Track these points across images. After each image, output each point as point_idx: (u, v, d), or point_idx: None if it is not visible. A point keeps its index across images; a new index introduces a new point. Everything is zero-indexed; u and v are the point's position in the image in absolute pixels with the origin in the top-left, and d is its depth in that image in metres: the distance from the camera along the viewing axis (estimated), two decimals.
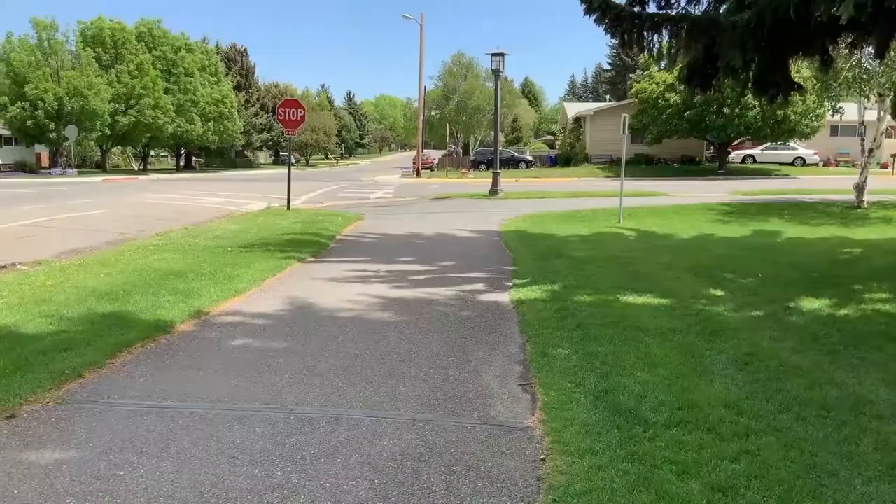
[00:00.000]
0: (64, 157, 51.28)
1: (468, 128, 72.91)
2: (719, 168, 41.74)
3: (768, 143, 45.05)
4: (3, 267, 10.07)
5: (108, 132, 51.76)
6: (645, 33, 10.45)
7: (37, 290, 8.16)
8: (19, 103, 46.56)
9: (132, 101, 51.82)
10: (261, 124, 74.79)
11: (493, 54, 26.30)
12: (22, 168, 53.31)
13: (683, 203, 21.36)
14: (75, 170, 48.72)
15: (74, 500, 3.45)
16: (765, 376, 5.12)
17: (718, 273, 9.44)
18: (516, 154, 55.34)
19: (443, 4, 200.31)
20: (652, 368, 5.28)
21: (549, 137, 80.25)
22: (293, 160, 36.83)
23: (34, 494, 3.50)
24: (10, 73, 47.86)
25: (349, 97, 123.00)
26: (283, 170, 41.12)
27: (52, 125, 47.19)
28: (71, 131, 46.54)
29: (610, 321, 6.69)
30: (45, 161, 54.56)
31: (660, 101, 39.05)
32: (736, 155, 46.70)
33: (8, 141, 57.90)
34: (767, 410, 4.48)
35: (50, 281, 8.71)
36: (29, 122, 46.79)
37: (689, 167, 44.10)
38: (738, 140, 43.59)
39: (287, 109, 20.16)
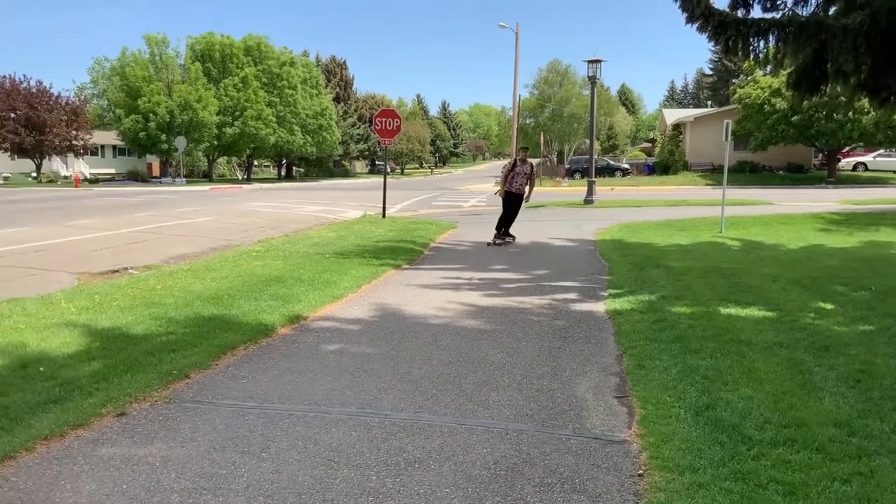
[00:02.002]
0: (173, 167, 53.88)
1: (563, 136, 72.28)
2: (828, 176, 39.90)
3: (881, 150, 42.73)
4: (116, 271, 10.64)
5: (215, 143, 54.13)
6: (750, 39, 10.14)
7: (147, 293, 8.57)
8: (133, 116, 49.20)
9: (237, 113, 53.94)
10: (358, 135, 76.51)
11: (590, 61, 25.97)
12: (134, 177, 56.44)
13: (790, 212, 20.49)
14: (184, 179, 51.05)
15: (179, 497, 3.58)
16: (878, 395, 4.83)
17: (828, 285, 8.99)
18: (612, 162, 54.61)
19: (539, 13, 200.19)
20: (756, 384, 5.07)
21: (647, 145, 78.67)
22: (388, 169, 37.40)
23: (141, 490, 3.65)
24: (124, 87, 50.70)
25: (444, 107, 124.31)
26: (378, 179, 41.90)
27: (163, 136, 49.68)
28: (180, 142, 48.82)
29: (711, 334, 6.47)
30: (156, 170, 57.56)
31: (765, 106, 37.65)
32: (846, 163, 44.48)
33: (121, 151, 61.49)
34: (881, 431, 4.22)
35: (159, 285, 9.13)
36: (141, 134, 49.44)
37: (795, 175, 42.37)
38: (849, 147, 41.50)
39: (383, 119, 20.52)
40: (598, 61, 25.96)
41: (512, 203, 14.81)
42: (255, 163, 68.42)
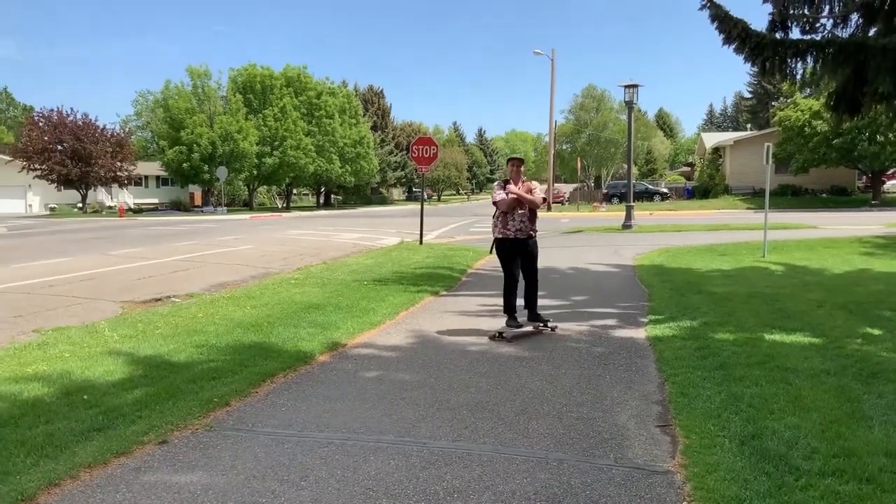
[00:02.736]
0: (215, 197, 54.81)
1: (600, 161, 72.13)
2: (873, 199, 39.12)
3: None
4: (159, 300, 10.80)
5: (255, 172, 54.96)
6: (787, 60, 10.06)
7: (188, 321, 8.69)
8: (176, 147, 50.28)
9: (276, 143, 54.78)
10: (395, 162, 77.14)
11: (626, 86, 25.92)
12: (177, 207, 57.60)
13: (834, 236, 20.08)
14: (225, 208, 51.87)
15: None
16: None
17: (876, 311, 8.76)
18: (650, 186, 54.23)
19: (575, 38, 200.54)
20: (803, 412, 4.93)
21: (686, 169, 78.03)
22: (425, 196, 37.61)
23: None
24: (167, 119, 51.88)
25: (480, 133, 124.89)
26: (415, 206, 42.17)
27: (205, 167, 50.59)
28: (222, 172, 49.68)
29: (755, 361, 6.33)
30: (198, 200, 58.67)
31: (806, 128, 37.19)
32: (891, 185, 43.66)
33: (164, 182, 62.93)
34: None
35: (201, 313, 9.25)
36: (185, 165, 50.42)
37: (838, 198, 41.64)
38: (894, 169, 40.66)
39: (420, 147, 20.64)
40: (635, 86, 25.89)
41: (519, 257, 8.05)
42: (294, 191, 69.31)
